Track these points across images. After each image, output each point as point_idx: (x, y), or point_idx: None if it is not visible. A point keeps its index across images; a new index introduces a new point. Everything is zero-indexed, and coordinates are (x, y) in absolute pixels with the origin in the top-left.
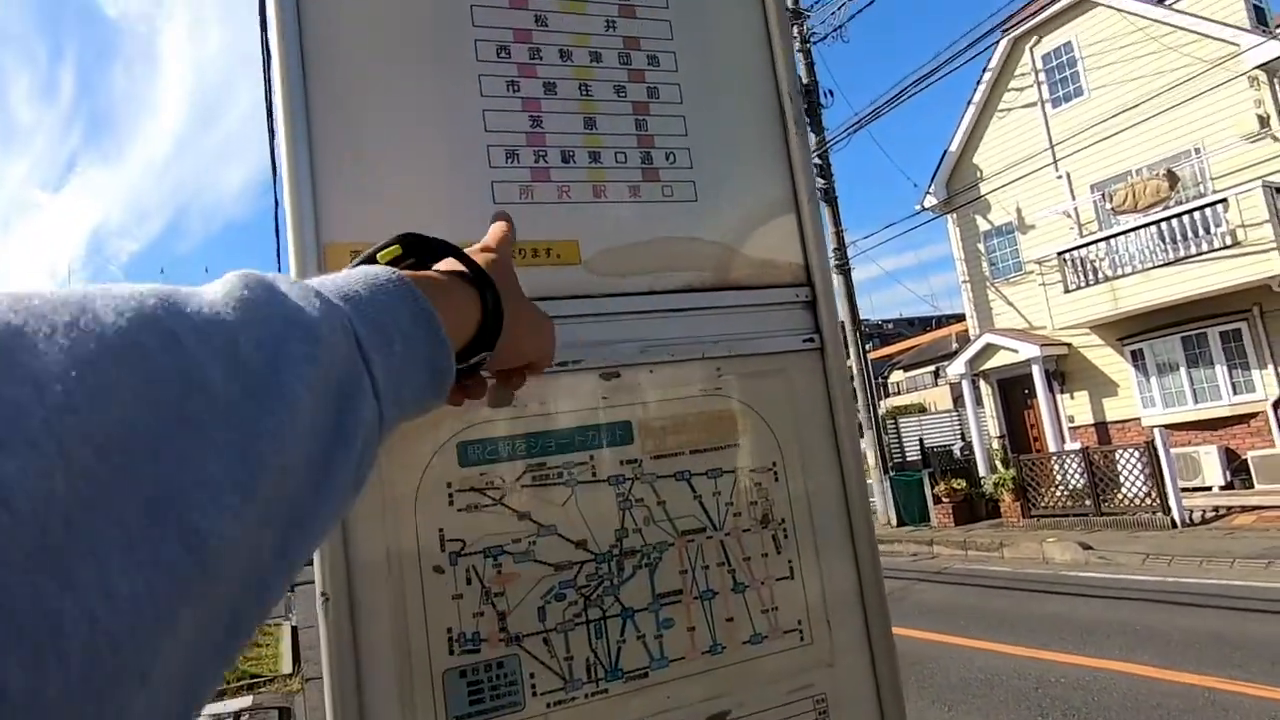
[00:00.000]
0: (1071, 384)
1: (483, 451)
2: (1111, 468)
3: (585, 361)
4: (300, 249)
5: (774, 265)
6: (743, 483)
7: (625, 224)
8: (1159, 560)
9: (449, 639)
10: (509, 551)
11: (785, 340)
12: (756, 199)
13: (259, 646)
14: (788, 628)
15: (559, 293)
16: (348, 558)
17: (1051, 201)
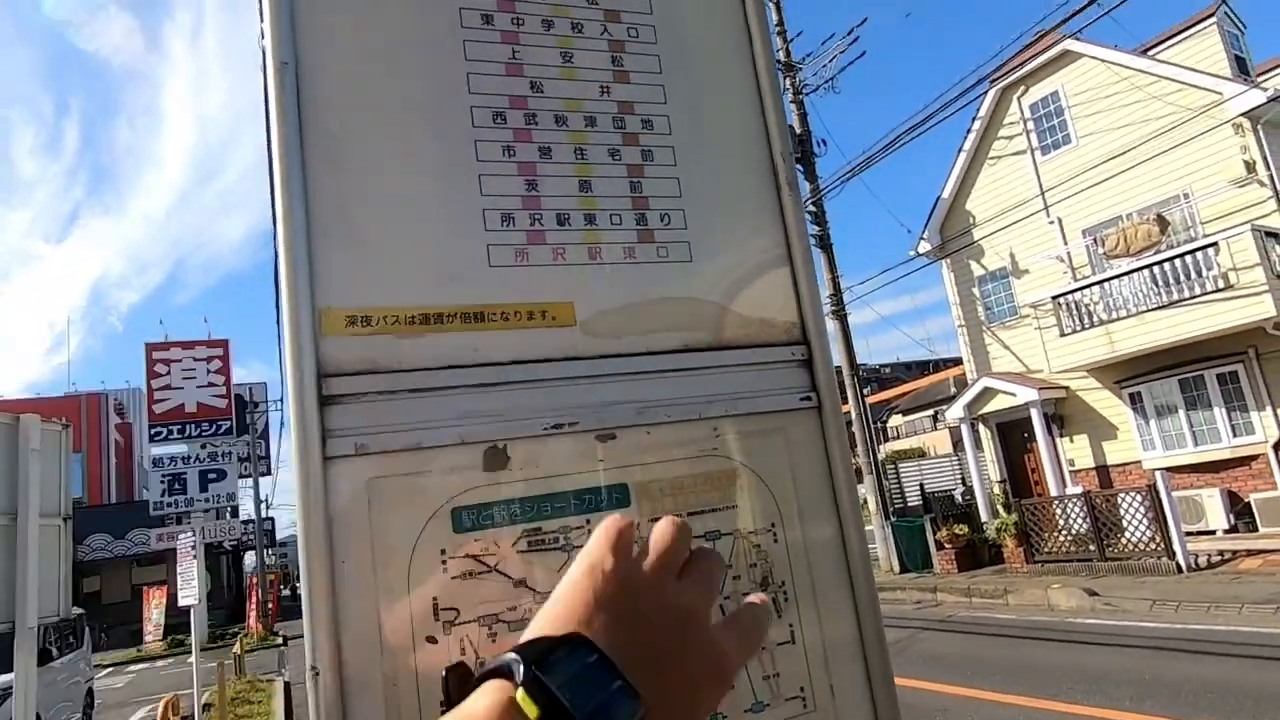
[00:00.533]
0: (1071, 427)
1: (477, 517)
2: (1114, 512)
3: (581, 424)
4: (295, 313)
5: (770, 324)
6: (742, 545)
7: (621, 285)
8: (1166, 606)
9: (442, 713)
10: (504, 620)
11: (782, 399)
12: (751, 258)
13: (251, 704)
14: (790, 694)
15: (554, 354)
16: (338, 628)
17: (1044, 246)
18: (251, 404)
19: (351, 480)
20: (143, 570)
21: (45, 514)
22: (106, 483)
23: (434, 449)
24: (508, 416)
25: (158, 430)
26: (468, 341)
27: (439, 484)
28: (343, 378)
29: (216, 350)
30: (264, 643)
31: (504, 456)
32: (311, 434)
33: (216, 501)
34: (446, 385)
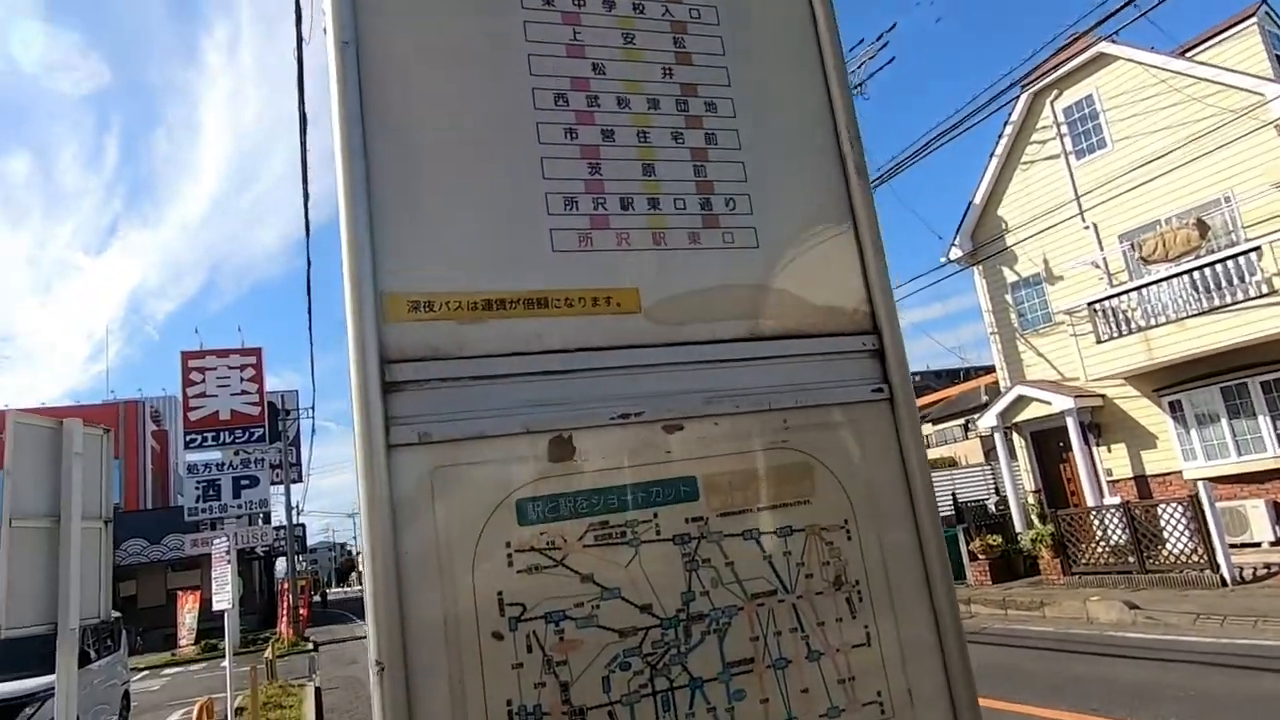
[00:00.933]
0: (1108, 436)
1: (543, 509)
2: (1154, 523)
3: (647, 414)
4: (358, 299)
5: (839, 312)
6: (814, 542)
7: (686, 271)
8: (1211, 620)
9: (509, 712)
10: (571, 616)
11: (853, 390)
12: (819, 245)
13: (283, 709)
14: (866, 699)
15: (619, 342)
16: (404, 623)
17: (1079, 252)
18: (283, 411)
19: (415, 469)
20: (177, 575)
21: (87, 517)
22: (143, 489)
23: (498, 438)
24: (573, 405)
25: (192, 437)
26: (531, 328)
27: (503, 474)
28: (406, 364)
29: (250, 358)
30: (295, 648)
31: (570, 447)
32: (375, 421)
33: (249, 507)
34: (510, 372)
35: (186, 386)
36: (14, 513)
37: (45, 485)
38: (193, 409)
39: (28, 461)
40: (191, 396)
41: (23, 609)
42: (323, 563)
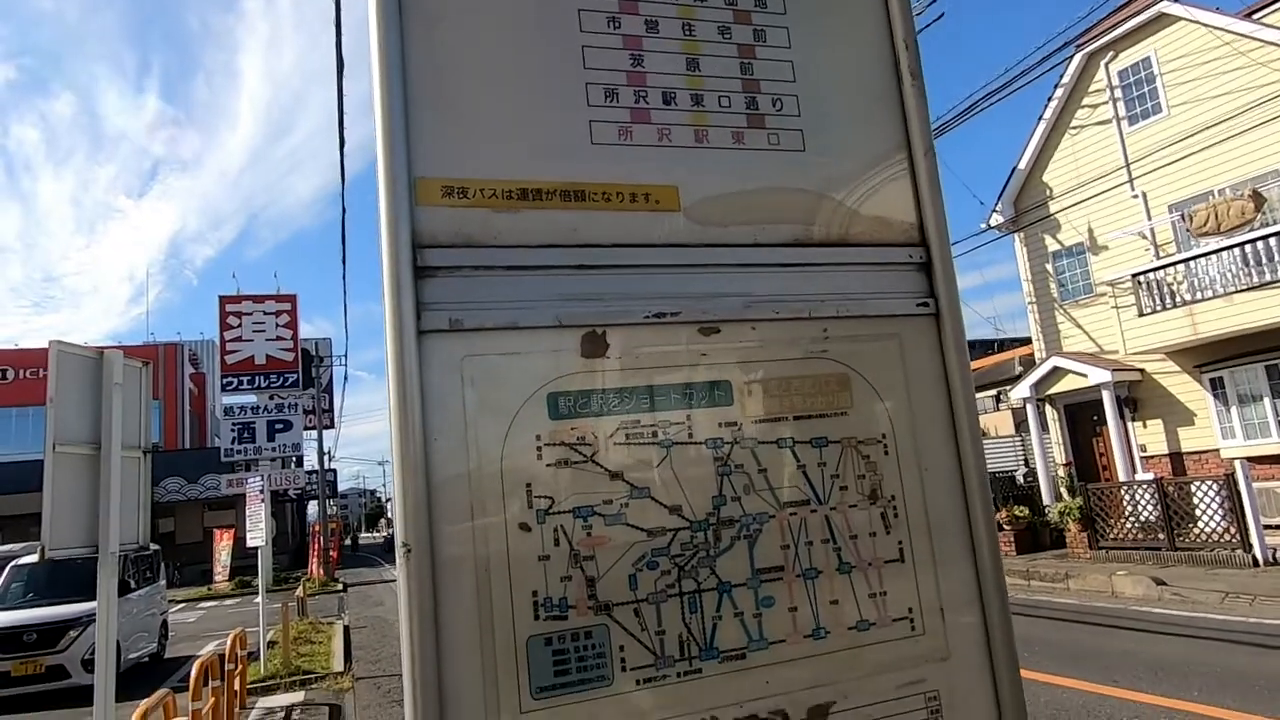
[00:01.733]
0: (1144, 412)
1: (574, 404)
2: (1187, 500)
3: (684, 314)
4: (391, 181)
5: (886, 223)
6: (850, 455)
7: (728, 171)
8: (1240, 600)
9: (534, 603)
10: (600, 513)
11: (897, 303)
12: (868, 151)
13: (312, 644)
14: (897, 615)
15: (657, 240)
16: (430, 508)
17: (1125, 222)
18: (317, 358)
19: (445, 356)
20: (213, 514)
21: (127, 446)
22: (181, 429)
23: (530, 330)
24: (607, 301)
25: (229, 380)
26: (567, 220)
27: (535, 366)
28: (438, 249)
29: (285, 305)
30: (325, 588)
31: (603, 343)
32: (406, 306)
33: (283, 451)
34: (544, 265)
35: (224, 330)
36: (57, 438)
37: (87, 413)
38: (229, 353)
39: (70, 389)
40: (228, 340)
41: (65, 532)
42: (353, 508)
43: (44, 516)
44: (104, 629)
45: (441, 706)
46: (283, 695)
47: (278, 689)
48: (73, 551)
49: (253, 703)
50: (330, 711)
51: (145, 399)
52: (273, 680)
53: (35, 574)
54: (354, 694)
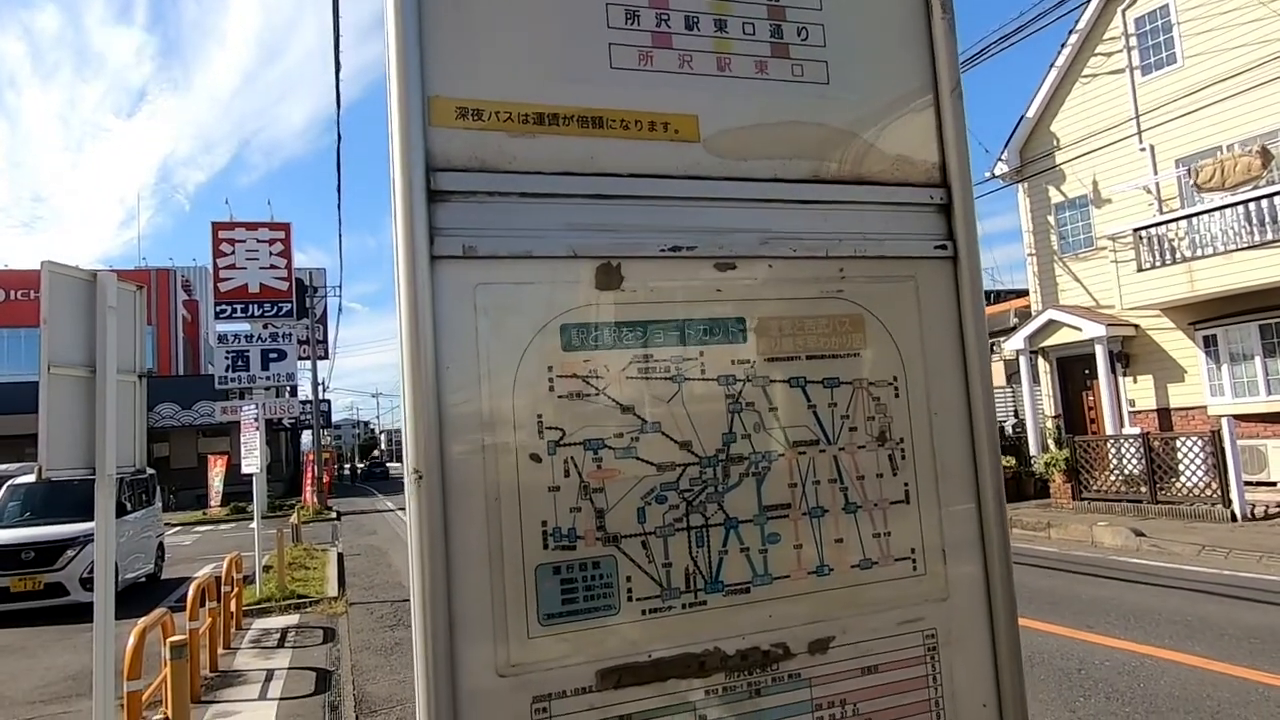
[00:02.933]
0: (1136, 367)
1: (587, 336)
2: (1171, 455)
3: (700, 249)
4: (404, 100)
5: (908, 162)
6: (861, 395)
7: (750, 102)
8: (1216, 552)
9: (543, 532)
10: (610, 446)
11: (916, 245)
12: (893, 87)
13: (307, 569)
14: (900, 555)
15: (675, 171)
16: (442, 435)
17: (1131, 175)
18: (311, 289)
19: (458, 283)
20: (208, 440)
21: (122, 370)
22: (175, 356)
23: (544, 259)
24: (622, 233)
25: (222, 308)
26: (584, 148)
27: (548, 297)
28: (451, 173)
29: (279, 233)
30: (319, 516)
31: (617, 275)
32: (419, 230)
33: (277, 380)
34: (559, 192)
35: (216, 257)
36: (51, 360)
37: (81, 336)
38: (222, 280)
39: (64, 311)
40: (221, 268)
41: (62, 453)
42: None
43: (40, 437)
44: (102, 548)
45: (451, 629)
46: (278, 618)
47: (273, 612)
48: (70, 473)
49: (248, 624)
50: (325, 634)
51: (139, 323)
52: (268, 603)
53: (32, 494)
54: (348, 618)
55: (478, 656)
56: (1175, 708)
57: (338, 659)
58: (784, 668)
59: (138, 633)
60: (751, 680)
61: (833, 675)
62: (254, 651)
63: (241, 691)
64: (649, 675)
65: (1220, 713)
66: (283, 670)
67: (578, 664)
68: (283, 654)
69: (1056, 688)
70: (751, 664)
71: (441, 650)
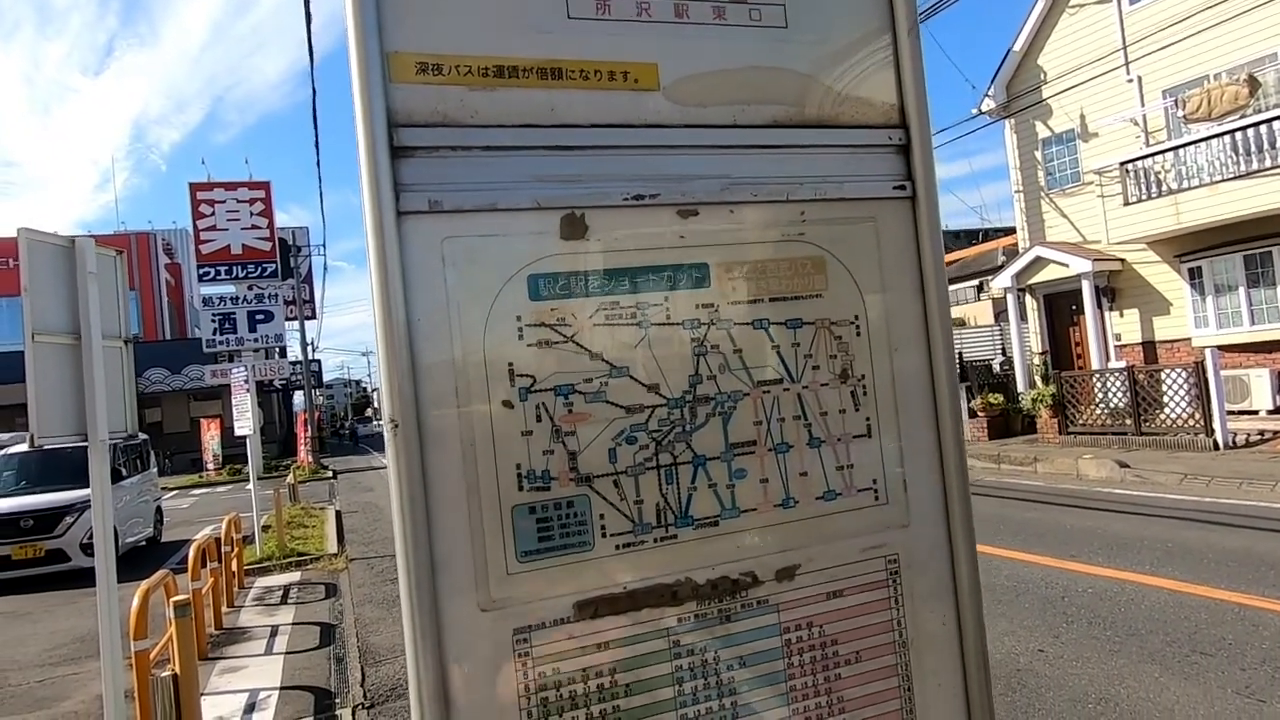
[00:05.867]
0: (1122, 301)
1: (554, 285)
2: (1156, 387)
3: (662, 196)
4: (363, 57)
5: (866, 103)
6: (823, 335)
7: (708, 49)
8: (1197, 481)
9: (518, 475)
10: (580, 390)
11: (875, 186)
12: (851, 29)
13: (305, 528)
14: (862, 486)
15: (636, 120)
16: (416, 385)
17: (1119, 107)
18: (295, 248)
19: (425, 237)
20: (200, 404)
21: (107, 336)
22: (160, 320)
23: (509, 211)
24: (586, 183)
25: (205, 271)
26: (544, 99)
27: (515, 248)
28: (414, 129)
29: (259, 192)
30: (315, 475)
31: (582, 225)
32: (384, 187)
33: (265, 342)
34: (522, 145)
35: (196, 220)
36: (35, 328)
37: (64, 302)
38: (204, 242)
39: (44, 278)
40: (202, 230)
41: (52, 421)
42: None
43: (29, 406)
44: (100, 512)
45: (433, 568)
46: (279, 575)
47: (274, 570)
48: (61, 440)
49: (251, 583)
50: (326, 589)
51: (121, 288)
52: (269, 562)
53: (27, 462)
54: (348, 574)
55: (460, 593)
56: (1154, 630)
57: (341, 613)
58: (752, 595)
59: (141, 594)
60: (722, 607)
61: (799, 600)
62: (258, 609)
63: (248, 647)
64: (624, 605)
65: (1197, 633)
66: (287, 626)
67: (556, 597)
68: (286, 610)
69: (1040, 615)
70: (721, 592)
71: (425, 588)
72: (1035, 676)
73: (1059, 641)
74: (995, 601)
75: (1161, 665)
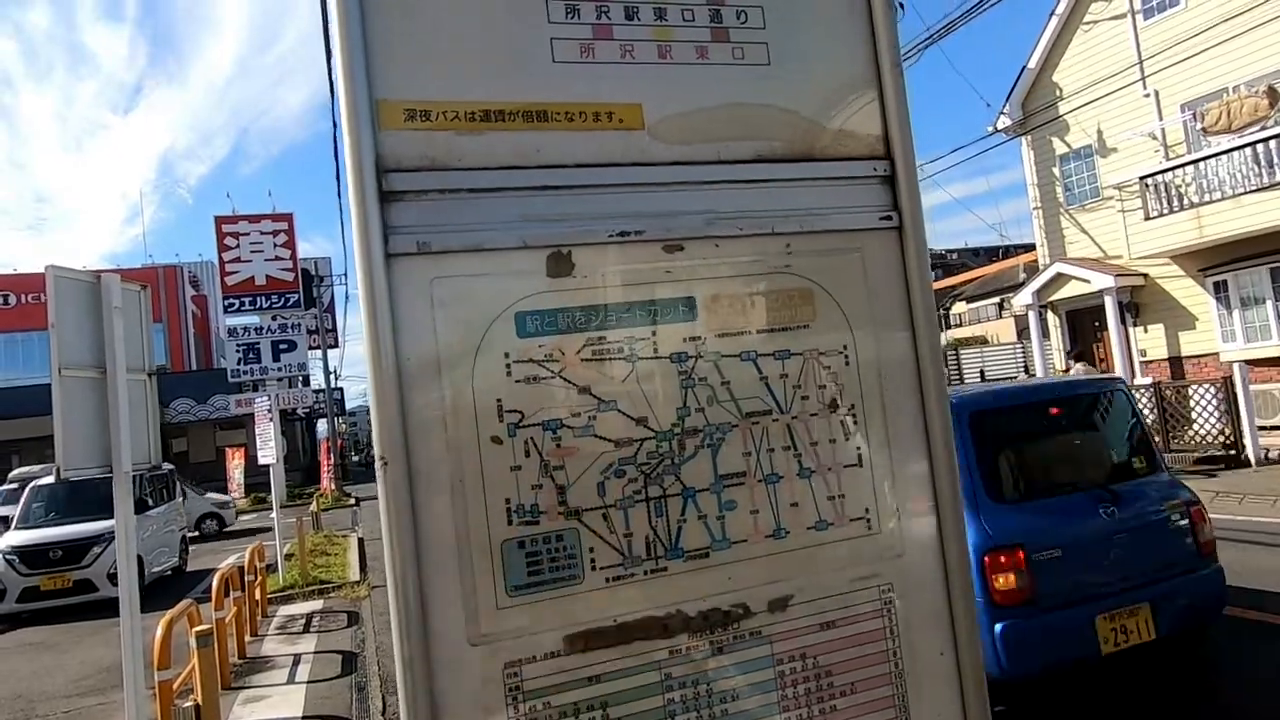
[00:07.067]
0: (1145, 316)
1: (541, 322)
2: (1184, 403)
3: (647, 233)
4: (353, 105)
5: (851, 136)
6: (812, 365)
7: (692, 88)
8: (1229, 498)
9: (507, 509)
10: (568, 425)
11: (861, 217)
12: (834, 64)
13: (328, 556)
14: (854, 515)
15: (621, 159)
16: (405, 422)
17: (1136, 122)
18: (317, 278)
19: (414, 278)
20: (225, 433)
21: (131, 369)
22: (187, 351)
23: (496, 251)
24: (572, 221)
25: (231, 302)
26: (530, 141)
27: (502, 287)
28: (402, 173)
29: (282, 224)
30: (338, 503)
31: (568, 262)
32: (373, 230)
33: (288, 370)
34: (508, 186)
35: (222, 252)
36: (62, 363)
37: (89, 337)
38: (229, 274)
39: (70, 313)
40: (227, 261)
41: (78, 453)
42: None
43: (56, 439)
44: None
45: (423, 603)
46: (302, 604)
47: (296, 598)
48: (87, 472)
49: (273, 611)
50: (349, 618)
51: (146, 322)
52: (292, 590)
53: (55, 494)
54: (370, 601)
55: (450, 627)
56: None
57: (362, 641)
58: (744, 626)
59: (165, 624)
60: (713, 639)
61: (792, 631)
62: (280, 637)
63: (270, 676)
64: (614, 638)
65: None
66: (309, 654)
67: (546, 631)
68: (308, 639)
69: None
70: (713, 624)
71: (415, 623)
72: None
73: None
74: None
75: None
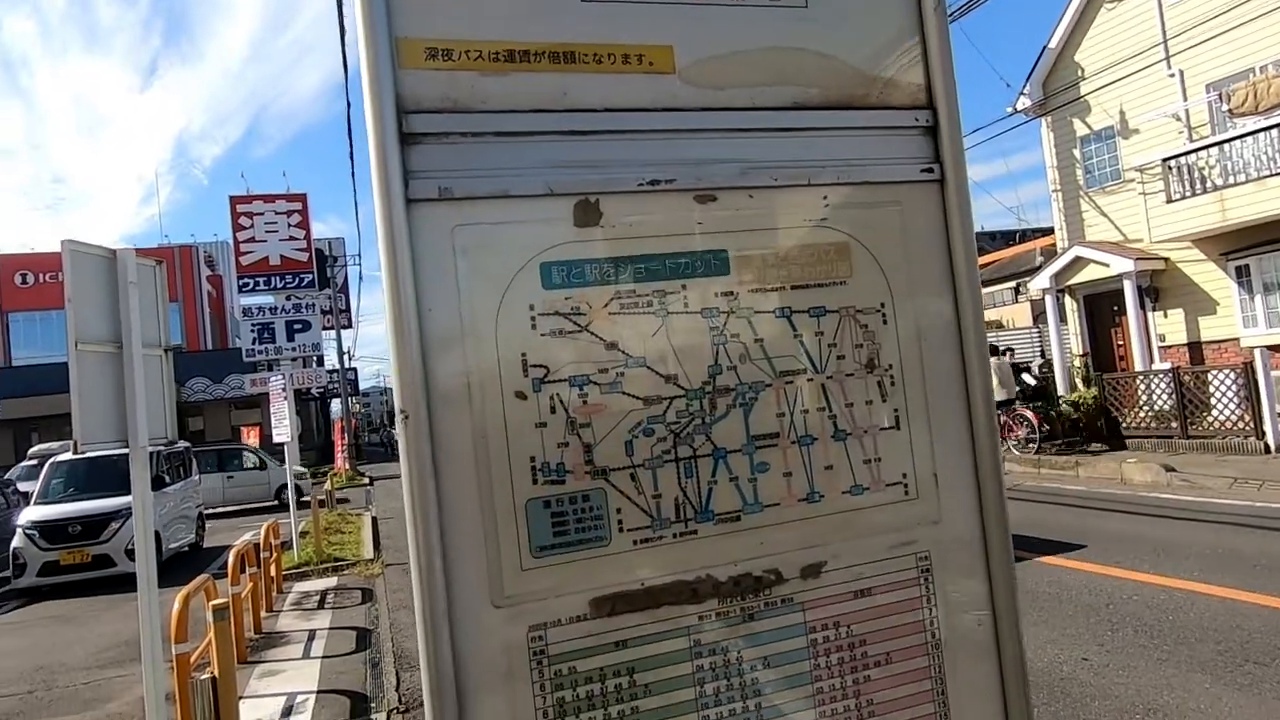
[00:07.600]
0: (1165, 301)
1: (567, 274)
2: (1203, 389)
3: (678, 182)
4: (371, 43)
5: (892, 84)
6: (849, 324)
7: (726, 30)
8: (1248, 485)
9: (532, 468)
10: (595, 381)
11: (901, 169)
12: (874, 7)
13: (342, 534)
14: (891, 480)
15: (650, 104)
16: (426, 377)
17: (1160, 103)
18: (331, 258)
19: (435, 225)
20: (240, 412)
21: (147, 345)
22: (202, 331)
23: (521, 198)
24: (599, 168)
25: (245, 282)
26: (557, 83)
27: (527, 236)
28: (423, 115)
29: (296, 204)
30: (351, 482)
31: (596, 211)
32: (393, 174)
33: (303, 351)
34: (534, 130)
35: (236, 231)
36: (79, 337)
37: (105, 312)
38: (244, 254)
39: (87, 288)
40: (242, 241)
41: (95, 427)
42: (374, 405)
43: (73, 413)
44: (140, 517)
45: (445, 564)
46: (317, 580)
47: (312, 575)
48: (103, 445)
49: (289, 587)
50: (363, 594)
51: (161, 298)
52: (306, 567)
53: (74, 470)
54: (384, 579)
55: (472, 589)
56: (1204, 638)
57: (376, 618)
58: (776, 592)
59: (181, 598)
60: (744, 605)
61: (826, 599)
62: (296, 613)
63: (286, 651)
64: (642, 602)
65: (1250, 641)
66: (324, 630)
67: (571, 594)
68: (323, 615)
69: (1084, 622)
70: (744, 590)
71: (437, 583)
72: (1079, 685)
73: (1104, 650)
74: (1037, 608)
75: (1212, 675)
